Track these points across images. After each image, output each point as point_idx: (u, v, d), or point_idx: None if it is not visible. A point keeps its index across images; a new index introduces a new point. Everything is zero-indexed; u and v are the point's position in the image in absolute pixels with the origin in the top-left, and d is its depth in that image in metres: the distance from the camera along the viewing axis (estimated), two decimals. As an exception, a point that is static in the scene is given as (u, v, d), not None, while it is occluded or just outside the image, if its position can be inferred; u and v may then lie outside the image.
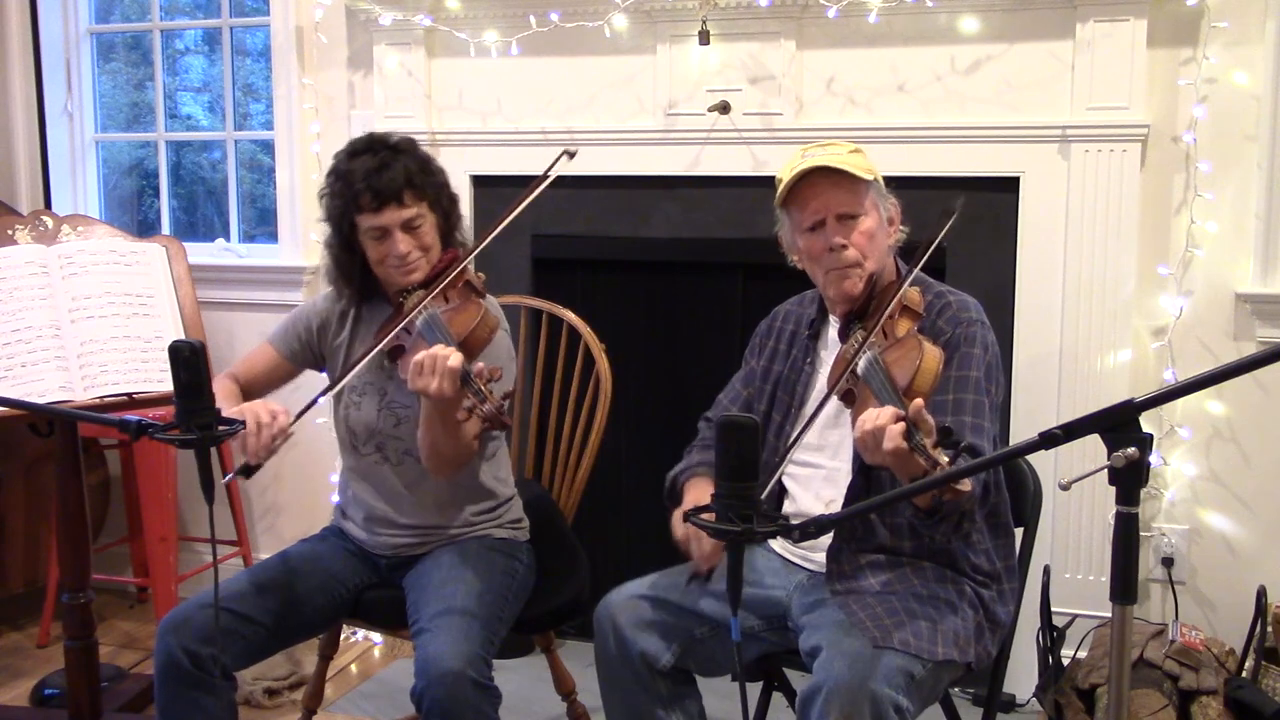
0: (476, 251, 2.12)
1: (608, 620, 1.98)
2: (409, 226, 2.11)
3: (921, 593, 1.88)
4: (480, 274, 2.17)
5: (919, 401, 1.62)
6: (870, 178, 1.95)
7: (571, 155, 2.11)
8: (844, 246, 1.92)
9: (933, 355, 1.74)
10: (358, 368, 2.07)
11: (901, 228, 2.02)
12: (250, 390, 2.27)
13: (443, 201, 2.18)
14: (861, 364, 1.79)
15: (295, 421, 1.99)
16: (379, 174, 2.08)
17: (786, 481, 2.05)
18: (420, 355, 1.90)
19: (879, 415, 1.62)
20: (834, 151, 1.94)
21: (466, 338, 1.97)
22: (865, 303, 1.94)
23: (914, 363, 1.72)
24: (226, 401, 2.15)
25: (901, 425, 1.59)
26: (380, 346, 2.05)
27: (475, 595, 2.07)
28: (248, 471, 1.96)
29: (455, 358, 1.88)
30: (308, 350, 2.29)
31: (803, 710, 1.73)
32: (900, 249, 2.04)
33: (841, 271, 1.94)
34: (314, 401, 2.02)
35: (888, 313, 1.86)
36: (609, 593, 2.04)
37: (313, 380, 2.31)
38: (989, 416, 1.90)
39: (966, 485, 1.58)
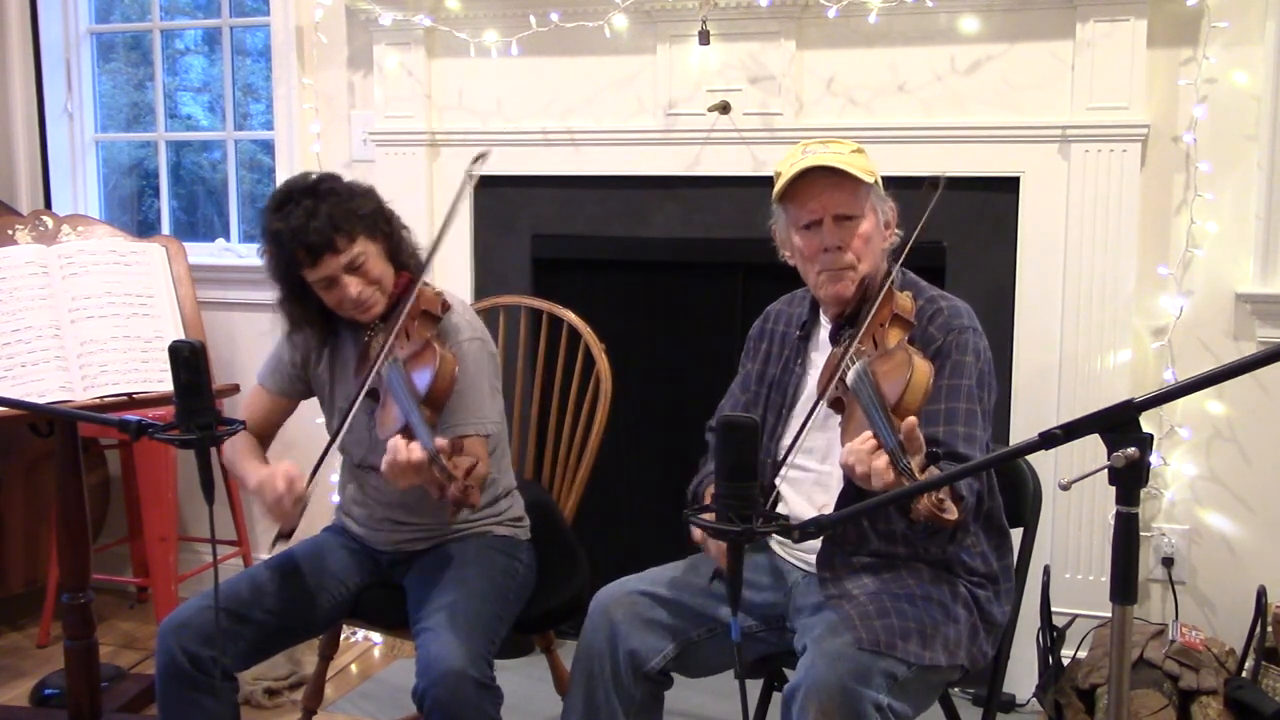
0: (420, 280, 2.11)
1: (603, 613, 1.97)
2: (352, 268, 2.07)
3: (915, 593, 1.87)
4: (438, 292, 2.16)
5: (911, 421, 1.61)
6: (870, 180, 1.93)
7: (483, 157, 2.11)
8: (840, 248, 1.91)
9: (922, 371, 1.72)
10: (345, 424, 2.08)
11: (897, 231, 2.01)
12: (264, 435, 2.31)
13: (380, 227, 2.13)
14: (851, 376, 1.78)
15: (310, 483, 2.05)
16: (305, 228, 2.03)
17: (780, 484, 2.05)
18: (387, 458, 1.87)
19: (861, 453, 1.62)
20: (836, 150, 1.93)
21: (428, 393, 1.96)
22: (858, 305, 1.93)
23: (904, 377, 1.70)
24: (249, 458, 2.20)
25: (885, 460, 1.59)
26: (355, 407, 2.06)
27: (476, 595, 2.07)
28: (287, 536, 2.06)
29: (415, 450, 1.84)
30: (298, 383, 2.29)
31: (784, 708, 1.73)
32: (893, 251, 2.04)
33: (835, 273, 1.93)
34: (321, 461, 2.07)
35: (878, 320, 1.85)
36: (607, 585, 2.03)
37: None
38: (981, 424, 1.89)
39: (953, 514, 1.57)
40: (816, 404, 1.84)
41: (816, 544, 1.95)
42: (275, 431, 2.34)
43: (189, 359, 1.73)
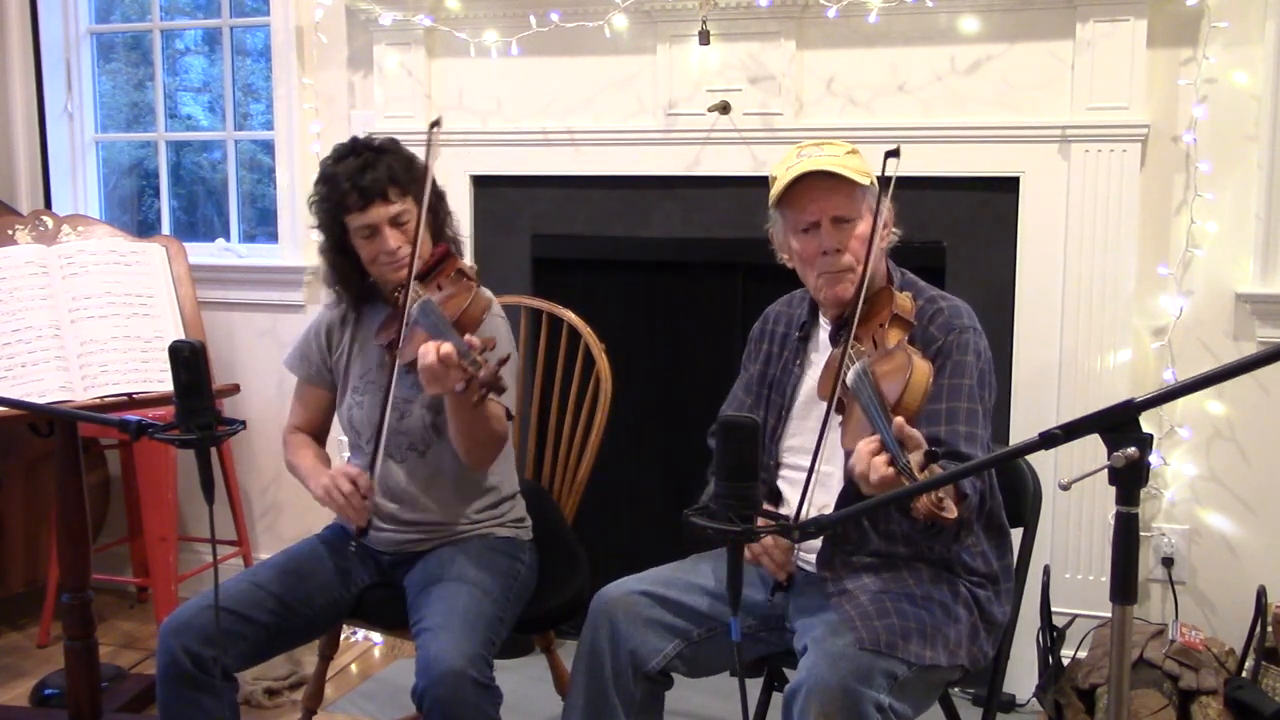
0: (418, 239, 2.11)
1: (604, 614, 1.97)
2: (396, 222, 2.14)
3: (916, 593, 1.88)
4: (473, 265, 2.19)
5: (900, 420, 1.62)
6: (867, 181, 1.93)
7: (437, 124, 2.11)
8: (838, 251, 1.92)
9: (922, 370, 1.72)
10: (394, 382, 2.09)
11: (895, 230, 2.01)
12: (319, 431, 2.37)
13: (429, 197, 2.18)
14: (850, 376, 1.78)
15: (373, 476, 2.11)
16: (363, 173, 2.12)
17: (781, 485, 2.05)
18: (423, 363, 1.90)
19: (862, 454, 1.63)
20: (831, 153, 1.93)
21: (460, 317, 2.00)
22: (856, 306, 1.93)
23: (903, 377, 1.71)
24: (306, 461, 2.26)
25: (885, 457, 1.60)
26: (401, 355, 2.05)
27: (477, 595, 2.07)
28: (363, 534, 2.13)
29: (446, 346, 1.89)
30: (325, 371, 2.32)
31: (785, 708, 1.74)
32: (891, 251, 2.04)
33: (834, 275, 1.93)
34: (377, 447, 2.11)
35: (877, 320, 1.85)
36: (607, 585, 2.03)
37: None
38: (982, 423, 1.89)
39: (953, 513, 1.57)
40: (829, 410, 1.84)
41: (817, 544, 1.95)
42: (327, 426, 2.39)
43: (189, 359, 1.73)
